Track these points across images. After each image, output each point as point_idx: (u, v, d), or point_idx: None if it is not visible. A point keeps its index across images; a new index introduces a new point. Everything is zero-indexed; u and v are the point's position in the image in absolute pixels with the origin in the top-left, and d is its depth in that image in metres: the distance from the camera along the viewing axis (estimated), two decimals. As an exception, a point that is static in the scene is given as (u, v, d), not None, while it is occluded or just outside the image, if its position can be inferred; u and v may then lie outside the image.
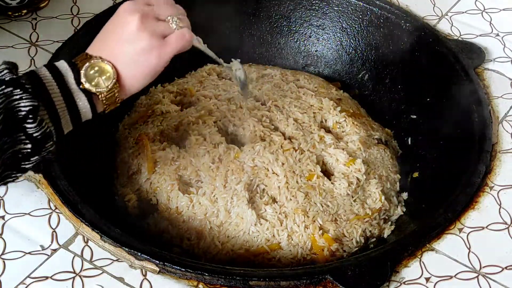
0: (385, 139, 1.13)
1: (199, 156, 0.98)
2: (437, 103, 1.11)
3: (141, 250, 0.82)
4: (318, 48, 1.27)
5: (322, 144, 1.03)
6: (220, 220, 0.94)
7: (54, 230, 0.86)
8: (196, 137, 1.01)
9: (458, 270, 0.84)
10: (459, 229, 0.89)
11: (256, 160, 0.97)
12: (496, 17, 1.24)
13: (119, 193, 1.01)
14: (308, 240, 0.93)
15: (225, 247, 0.93)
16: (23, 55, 1.10)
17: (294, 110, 1.08)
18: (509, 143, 1.01)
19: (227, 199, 0.94)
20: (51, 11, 1.19)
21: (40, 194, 0.90)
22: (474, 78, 1.08)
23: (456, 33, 1.20)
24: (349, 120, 1.09)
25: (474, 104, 1.04)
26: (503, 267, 0.85)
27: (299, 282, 0.81)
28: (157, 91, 1.15)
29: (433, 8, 1.26)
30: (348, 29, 1.23)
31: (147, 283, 0.81)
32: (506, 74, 1.13)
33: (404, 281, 0.83)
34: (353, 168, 1.00)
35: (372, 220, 0.98)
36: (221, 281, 0.81)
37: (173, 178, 0.97)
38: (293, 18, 1.27)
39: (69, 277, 0.81)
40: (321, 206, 0.95)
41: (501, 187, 0.95)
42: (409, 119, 1.15)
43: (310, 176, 0.97)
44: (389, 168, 1.07)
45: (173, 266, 0.81)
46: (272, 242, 0.92)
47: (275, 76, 1.18)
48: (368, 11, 1.21)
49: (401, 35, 1.18)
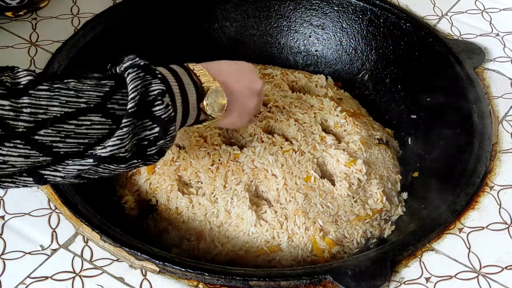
0: (386, 139, 1.13)
1: (199, 158, 0.98)
2: (437, 103, 1.11)
3: (141, 250, 0.82)
4: (318, 48, 1.27)
5: (322, 145, 1.03)
6: (220, 221, 0.94)
7: (54, 230, 0.86)
8: (196, 138, 1.01)
9: (458, 270, 0.84)
10: (459, 229, 0.89)
11: (256, 162, 0.97)
12: (496, 17, 1.24)
13: (118, 194, 1.01)
14: (309, 241, 0.92)
15: (225, 248, 0.92)
16: (23, 55, 1.10)
17: (295, 110, 1.08)
18: (509, 143, 1.01)
19: (227, 200, 0.94)
20: (51, 11, 1.19)
21: (40, 194, 0.90)
22: (474, 78, 1.08)
23: (456, 33, 1.20)
24: (350, 120, 1.08)
25: (474, 104, 1.04)
26: (503, 267, 0.85)
27: (299, 282, 0.81)
28: (157, 91, 1.15)
29: (433, 8, 1.26)
30: (348, 29, 1.23)
31: (147, 283, 0.81)
32: (506, 74, 1.13)
33: (404, 281, 0.83)
34: (354, 168, 1.00)
35: (373, 221, 0.98)
36: (221, 281, 0.81)
37: (173, 179, 0.97)
38: (293, 18, 1.27)
39: (69, 277, 0.81)
40: (322, 207, 0.95)
41: (501, 187, 0.95)
42: (409, 119, 1.15)
43: (308, 178, 0.97)
44: (390, 168, 1.06)
45: (173, 266, 0.81)
46: (272, 244, 0.92)
47: (275, 76, 1.18)
48: (368, 11, 1.21)
49: (401, 35, 1.18)
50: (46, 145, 0.64)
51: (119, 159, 0.69)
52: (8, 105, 0.62)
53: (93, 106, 0.67)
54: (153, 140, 0.71)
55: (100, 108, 0.67)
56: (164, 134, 0.71)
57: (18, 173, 0.66)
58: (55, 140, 0.65)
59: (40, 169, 0.66)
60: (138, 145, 0.70)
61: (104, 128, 0.67)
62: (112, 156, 0.68)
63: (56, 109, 0.65)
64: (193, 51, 1.25)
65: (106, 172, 0.71)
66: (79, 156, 0.67)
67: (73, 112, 0.65)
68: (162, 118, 0.70)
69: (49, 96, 0.65)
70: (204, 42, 1.26)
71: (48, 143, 0.64)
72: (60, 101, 0.65)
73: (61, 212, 0.88)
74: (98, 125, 0.67)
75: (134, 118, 0.68)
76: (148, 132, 0.70)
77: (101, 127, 0.67)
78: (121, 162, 0.69)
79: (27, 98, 0.64)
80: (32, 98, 0.64)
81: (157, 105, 0.70)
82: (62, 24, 1.17)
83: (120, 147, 0.68)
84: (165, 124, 0.71)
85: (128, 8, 1.20)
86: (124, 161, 0.70)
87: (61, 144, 0.65)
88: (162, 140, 0.71)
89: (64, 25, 1.17)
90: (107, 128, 0.67)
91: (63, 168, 0.67)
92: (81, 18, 1.18)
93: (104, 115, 0.67)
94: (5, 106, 0.62)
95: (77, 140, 0.66)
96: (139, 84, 0.69)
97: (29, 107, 0.63)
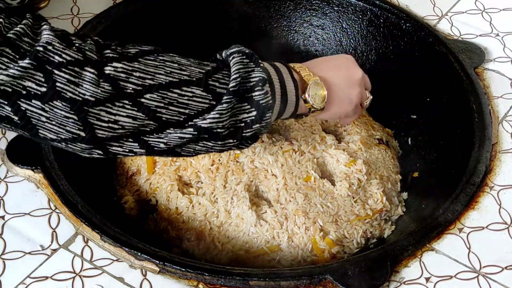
0: (386, 139, 1.13)
1: (199, 158, 0.98)
2: (437, 103, 1.11)
3: (141, 250, 0.82)
4: (318, 48, 1.27)
5: (322, 145, 1.03)
6: (220, 221, 0.94)
7: (54, 230, 0.86)
8: (196, 137, 1.01)
9: (458, 270, 0.84)
10: (459, 229, 0.89)
11: (256, 162, 0.97)
12: (496, 17, 1.24)
13: (118, 194, 1.01)
14: (309, 241, 0.92)
15: (225, 248, 0.92)
16: (23, 55, 1.10)
17: (294, 110, 1.08)
18: (509, 143, 1.01)
19: (227, 200, 0.94)
20: (51, 11, 1.19)
21: (40, 194, 0.90)
22: (474, 78, 1.08)
23: (456, 33, 1.20)
24: (350, 120, 1.09)
25: (474, 104, 1.04)
26: (503, 267, 0.85)
27: (299, 282, 0.81)
28: (157, 91, 1.15)
29: (433, 8, 1.26)
30: (348, 29, 1.23)
31: (147, 283, 0.81)
32: (506, 74, 1.13)
33: (404, 281, 0.83)
34: (354, 168, 1.00)
35: (373, 221, 0.98)
36: (221, 281, 0.81)
37: (173, 179, 0.97)
38: (293, 18, 1.27)
39: (69, 277, 0.81)
40: (322, 207, 0.95)
41: (501, 187, 0.95)
42: (409, 119, 1.15)
43: (308, 178, 0.97)
44: (390, 168, 1.07)
45: (173, 266, 0.81)
46: (272, 244, 0.92)
47: (275, 76, 1.18)
48: (368, 11, 1.21)
49: (401, 35, 1.18)
50: (151, 108, 0.69)
51: (216, 134, 0.73)
52: (120, 67, 0.68)
53: (195, 80, 0.71)
54: (250, 122, 0.74)
55: (202, 82, 0.71)
56: (261, 119, 0.74)
57: (125, 137, 0.70)
58: (159, 105, 0.69)
59: (145, 136, 0.71)
60: (235, 126, 0.74)
61: (205, 102, 0.71)
62: (211, 130, 0.72)
63: (162, 77, 0.70)
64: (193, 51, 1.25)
65: (203, 149, 0.76)
66: (180, 126, 0.71)
67: (176, 82, 0.70)
68: (260, 103, 0.74)
69: (156, 65, 0.70)
70: (204, 42, 1.26)
71: (153, 107, 0.69)
72: (166, 71, 0.70)
73: (61, 212, 0.88)
74: (199, 98, 0.71)
75: (234, 96, 0.72)
76: (246, 115, 0.74)
77: (202, 100, 0.71)
78: (218, 138, 0.73)
79: (137, 63, 0.69)
80: (141, 64, 0.69)
81: (257, 90, 0.73)
82: (62, 24, 1.17)
83: (219, 121, 0.72)
84: (263, 109, 0.74)
85: (128, 8, 1.20)
86: (221, 138, 0.74)
87: (164, 110, 0.69)
88: (258, 124, 0.75)
89: (64, 25, 1.16)
90: (208, 102, 0.71)
91: (165, 136, 0.71)
92: (81, 18, 1.18)
93: (205, 90, 0.71)
94: (118, 68, 0.68)
95: (179, 109, 0.70)
96: (241, 68, 0.73)
97: (138, 71, 0.69)
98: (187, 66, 0.72)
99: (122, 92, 0.67)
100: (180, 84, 0.70)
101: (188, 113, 0.71)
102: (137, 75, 0.68)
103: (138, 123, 0.69)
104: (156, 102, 0.69)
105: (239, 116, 0.74)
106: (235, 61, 0.74)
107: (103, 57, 0.68)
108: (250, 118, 0.74)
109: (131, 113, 0.68)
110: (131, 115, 0.68)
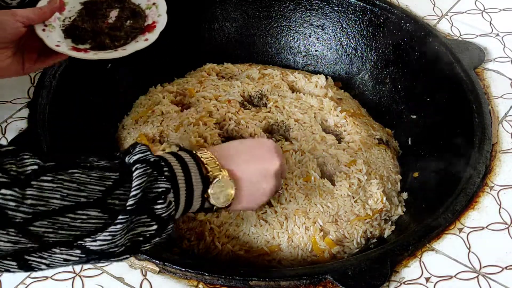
0: (386, 139, 1.13)
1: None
2: (437, 103, 1.11)
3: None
4: (318, 48, 1.27)
5: (323, 145, 1.03)
6: (220, 221, 0.94)
7: (54, 230, 0.86)
8: (197, 138, 1.01)
9: (458, 270, 0.84)
10: (459, 229, 0.89)
11: (256, 161, 0.97)
12: (496, 17, 1.24)
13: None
14: (309, 242, 0.92)
15: (225, 248, 0.92)
16: (23, 55, 1.10)
17: (295, 110, 1.08)
18: (509, 143, 1.01)
19: (227, 199, 0.94)
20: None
21: (40, 194, 0.90)
22: (474, 78, 1.08)
23: (456, 33, 1.20)
24: (350, 120, 1.09)
25: (474, 104, 1.04)
26: (503, 267, 0.85)
27: (299, 282, 0.81)
28: (157, 91, 1.15)
29: (433, 8, 1.26)
30: (348, 29, 1.23)
31: (147, 283, 0.81)
32: (506, 74, 1.13)
33: (404, 281, 0.83)
34: (354, 168, 1.00)
35: (373, 221, 0.98)
36: (221, 281, 0.81)
37: (173, 178, 0.97)
38: (293, 18, 1.27)
39: (69, 277, 0.81)
40: (322, 207, 0.95)
41: (501, 187, 0.95)
42: (409, 119, 1.15)
43: (308, 178, 0.97)
44: (390, 168, 1.06)
45: (173, 266, 0.81)
46: (272, 244, 0.92)
47: (275, 76, 1.18)
48: (368, 11, 1.21)
49: (401, 35, 1.18)
50: (38, 234, 0.63)
51: (110, 254, 0.67)
52: (10, 195, 0.61)
53: (92, 201, 0.65)
54: (149, 237, 0.69)
55: (100, 203, 0.65)
56: (161, 232, 0.70)
57: (2, 257, 0.64)
58: (47, 231, 0.63)
59: (26, 255, 0.64)
60: (133, 240, 0.68)
61: (99, 222, 0.65)
62: (102, 251, 0.66)
63: (56, 202, 0.63)
64: (194, 51, 1.25)
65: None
66: (68, 246, 0.65)
67: (72, 205, 0.64)
68: (162, 217, 0.69)
69: (52, 188, 0.63)
70: (205, 42, 1.26)
71: (41, 233, 0.63)
72: (62, 194, 0.64)
73: (61, 212, 0.87)
74: (94, 219, 0.65)
75: (131, 215, 0.66)
76: (145, 229, 0.68)
77: (96, 221, 0.65)
78: (112, 256, 0.67)
79: (30, 189, 0.62)
80: (34, 189, 0.62)
81: (159, 203, 0.68)
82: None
83: (111, 242, 0.66)
84: (164, 222, 0.69)
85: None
86: (116, 255, 0.68)
87: (52, 234, 0.63)
88: (158, 238, 0.70)
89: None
90: (102, 222, 0.65)
91: (49, 256, 0.65)
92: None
93: (102, 210, 0.65)
94: (6, 195, 0.61)
95: (69, 232, 0.64)
96: (144, 182, 0.67)
97: (31, 199, 0.62)
98: (87, 184, 0.65)
99: (9, 222, 0.61)
100: (75, 207, 0.64)
101: (80, 234, 0.65)
102: (29, 203, 0.62)
103: (20, 246, 0.63)
104: (45, 228, 0.63)
105: (138, 229, 0.68)
106: (137, 173, 0.67)
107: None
108: (150, 232, 0.69)
109: (13, 239, 0.62)
110: (12, 240, 0.62)
